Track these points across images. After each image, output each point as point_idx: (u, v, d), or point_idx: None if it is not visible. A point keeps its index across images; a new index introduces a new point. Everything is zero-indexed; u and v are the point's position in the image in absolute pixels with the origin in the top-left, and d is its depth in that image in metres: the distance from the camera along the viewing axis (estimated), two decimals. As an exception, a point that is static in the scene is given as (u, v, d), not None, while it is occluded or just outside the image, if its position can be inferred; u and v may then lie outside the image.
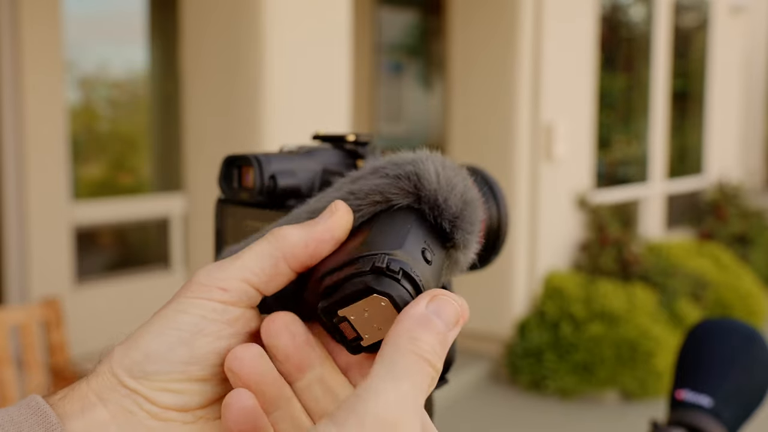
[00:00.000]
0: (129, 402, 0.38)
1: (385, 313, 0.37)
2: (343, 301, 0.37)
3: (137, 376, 0.38)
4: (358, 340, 0.38)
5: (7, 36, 3.63)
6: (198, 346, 0.38)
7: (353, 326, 0.38)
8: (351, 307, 0.37)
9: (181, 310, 0.39)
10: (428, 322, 0.36)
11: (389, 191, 0.42)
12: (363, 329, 0.38)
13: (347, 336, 0.38)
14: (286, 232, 0.40)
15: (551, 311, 4.32)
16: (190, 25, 2.90)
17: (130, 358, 0.38)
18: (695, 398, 0.81)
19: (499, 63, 4.41)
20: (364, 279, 0.37)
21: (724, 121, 6.89)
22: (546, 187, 4.58)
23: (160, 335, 0.38)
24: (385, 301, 0.37)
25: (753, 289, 5.24)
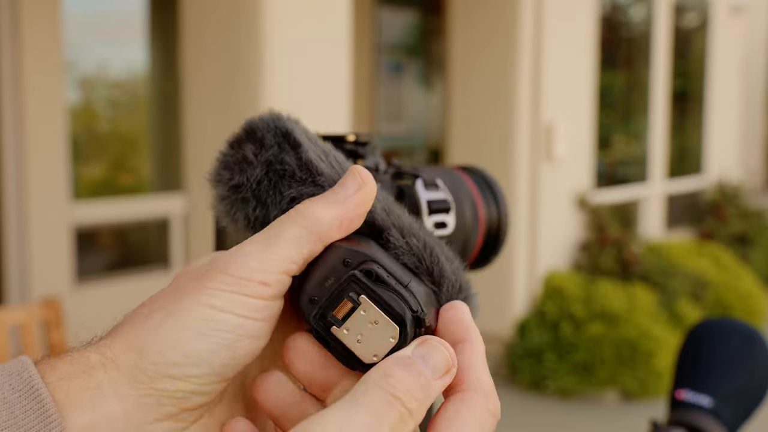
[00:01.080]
0: (151, 401, 0.35)
1: (378, 327, 0.36)
2: (329, 302, 0.37)
3: (173, 377, 0.35)
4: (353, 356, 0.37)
5: (7, 36, 3.63)
6: (239, 348, 0.36)
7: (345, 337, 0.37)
8: (340, 308, 0.37)
9: (220, 307, 0.36)
10: (410, 364, 0.34)
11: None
12: (356, 341, 0.37)
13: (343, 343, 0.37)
14: (318, 212, 0.38)
15: (551, 311, 4.32)
16: (190, 25, 2.90)
17: (166, 359, 0.35)
18: (695, 398, 0.81)
19: (499, 63, 4.41)
20: (350, 274, 0.37)
21: (724, 121, 6.89)
22: (546, 187, 4.58)
23: (202, 336, 0.35)
24: (373, 309, 0.36)
25: (753, 289, 5.24)
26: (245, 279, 0.36)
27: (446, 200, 0.56)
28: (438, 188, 0.57)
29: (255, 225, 0.42)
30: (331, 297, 0.37)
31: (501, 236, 0.63)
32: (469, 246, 0.61)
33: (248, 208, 0.42)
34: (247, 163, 0.42)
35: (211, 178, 0.43)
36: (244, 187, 0.42)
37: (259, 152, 0.42)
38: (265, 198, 0.41)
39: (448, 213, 0.56)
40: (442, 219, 0.56)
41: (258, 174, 0.41)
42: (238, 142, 0.43)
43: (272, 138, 0.42)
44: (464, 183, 0.62)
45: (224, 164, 0.43)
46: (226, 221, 0.43)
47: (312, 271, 0.38)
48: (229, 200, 0.42)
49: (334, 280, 0.37)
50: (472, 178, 0.63)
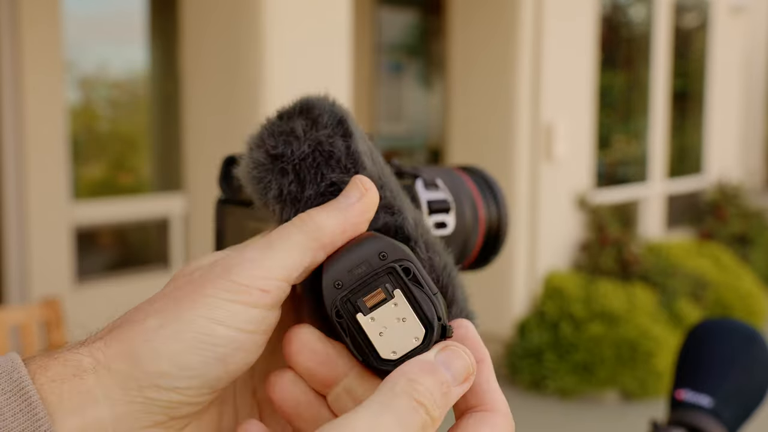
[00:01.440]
0: (140, 408, 0.35)
1: (403, 319, 0.36)
2: (359, 287, 0.37)
3: (165, 388, 0.35)
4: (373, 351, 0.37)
5: (7, 36, 3.63)
6: (233, 362, 0.36)
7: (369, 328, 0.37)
8: (371, 296, 0.37)
9: (219, 320, 0.35)
10: (433, 369, 0.35)
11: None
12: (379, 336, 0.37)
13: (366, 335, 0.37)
14: (321, 220, 0.38)
15: (551, 311, 4.32)
16: (190, 25, 2.90)
17: (159, 369, 0.35)
18: (695, 398, 0.81)
19: (499, 63, 4.41)
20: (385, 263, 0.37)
21: (724, 121, 6.89)
22: (546, 187, 4.58)
23: (198, 349, 0.35)
24: (402, 302, 0.36)
25: (753, 289, 5.24)
26: (245, 286, 0.36)
27: (446, 200, 0.56)
28: (438, 188, 0.57)
29: (286, 199, 0.41)
30: (363, 283, 0.37)
31: (501, 236, 0.63)
32: (469, 246, 0.61)
33: (284, 180, 0.41)
34: (295, 137, 0.42)
35: (252, 142, 0.43)
36: (287, 159, 0.41)
37: (310, 130, 0.42)
38: (305, 175, 0.41)
39: (448, 213, 0.56)
40: (442, 219, 0.56)
41: (305, 150, 0.41)
42: (289, 115, 0.43)
43: (327, 119, 0.42)
44: (464, 183, 0.62)
45: (270, 132, 0.42)
46: (255, 189, 0.42)
47: (341, 256, 0.38)
48: (266, 168, 0.42)
49: (366, 268, 0.37)
50: (472, 178, 0.63)
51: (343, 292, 0.37)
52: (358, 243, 0.38)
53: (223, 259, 0.37)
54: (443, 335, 0.36)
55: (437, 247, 0.41)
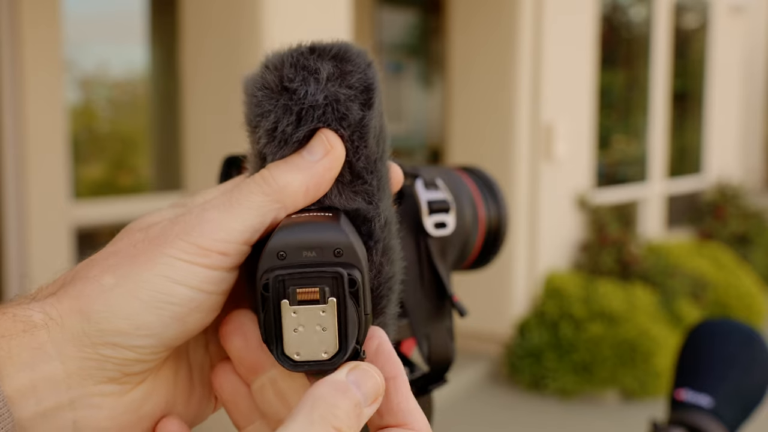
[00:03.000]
0: (94, 365, 0.34)
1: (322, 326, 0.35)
2: (299, 276, 0.34)
3: (120, 346, 0.34)
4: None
5: (7, 36, 3.63)
6: (190, 322, 0.36)
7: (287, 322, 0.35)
8: (306, 291, 0.34)
9: (177, 280, 0.35)
10: (346, 390, 0.34)
11: None
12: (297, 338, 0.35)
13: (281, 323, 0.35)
14: (284, 178, 0.37)
15: (551, 311, 4.32)
16: (190, 25, 2.90)
17: (115, 327, 0.34)
18: (695, 398, 0.81)
19: (499, 63, 4.41)
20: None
21: (723, 120, 6.89)
22: (546, 187, 4.58)
23: (155, 309, 0.34)
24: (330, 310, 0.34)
25: (753, 290, 5.24)
26: (205, 249, 0.35)
27: (446, 200, 0.56)
28: (438, 188, 0.57)
29: (277, 137, 0.38)
30: (305, 274, 0.34)
31: (501, 236, 0.63)
32: (469, 246, 0.61)
33: (284, 117, 0.38)
34: (315, 79, 0.38)
35: (272, 60, 0.39)
36: (296, 99, 0.38)
37: (335, 80, 0.39)
38: (306, 122, 0.38)
39: (448, 213, 0.56)
40: (442, 219, 0.56)
41: (318, 99, 0.38)
42: (321, 52, 0.39)
43: (356, 80, 0.39)
44: (464, 183, 0.62)
45: (294, 61, 0.39)
46: (251, 110, 0.39)
47: (297, 226, 0.36)
48: (272, 96, 0.39)
49: (315, 257, 0.35)
50: (471, 178, 0.63)
51: (281, 270, 0.34)
52: (321, 222, 0.36)
53: (183, 216, 0.36)
54: (354, 358, 0.35)
55: (393, 254, 0.39)
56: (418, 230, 0.56)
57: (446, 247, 0.57)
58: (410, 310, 0.55)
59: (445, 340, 0.57)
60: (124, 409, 0.36)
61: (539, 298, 4.48)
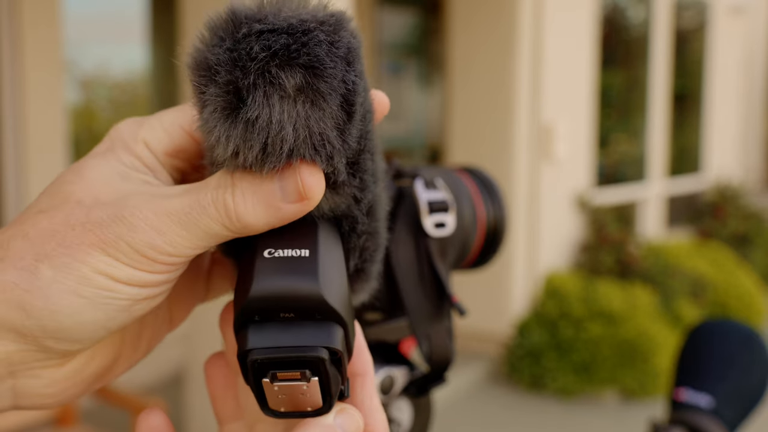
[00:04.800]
0: (35, 350, 0.33)
1: (306, 391, 0.34)
2: (278, 362, 0.33)
3: (65, 339, 0.33)
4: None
5: (7, 36, 3.63)
6: (137, 309, 0.35)
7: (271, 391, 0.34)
8: (287, 374, 0.33)
9: (117, 278, 0.33)
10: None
11: None
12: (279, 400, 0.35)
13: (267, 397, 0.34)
14: (248, 220, 0.34)
15: (551, 311, 4.32)
16: (190, 25, 2.90)
17: (58, 325, 0.32)
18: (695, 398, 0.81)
19: (498, 63, 4.41)
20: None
21: (723, 121, 6.89)
22: (546, 187, 4.58)
23: (98, 305, 0.33)
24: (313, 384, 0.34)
25: (752, 290, 5.24)
26: (148, 258, 0.33)
27: (446, 200, 0.56)
28: (438, 188, 0.57)
29: (239, 161, 0.33)
30: (283, 357, 0.33)
31: (500, 236, 0.63)
32: (469, 246, 0.61)
33: (246, 145, 0.33)
34: (280, 97, 0.32)
35: (224, 25, 0.33)
36: (259, 127, 0.32)
37: (302, 95, 0.32)
38: (272, 151, 0.33)
39: (447, 213, 0.57)
40: (441, 219, 0.56)
41: (286, 129, 0.32)
42: (282, 60, 0.32)
43: (332, 95, 0.33)
44: (463, 183, 0.62)
45: (256, 30, 0.32)
46: (205, 124, 0.33)
47: (270, 277, 0.33)
48: (229, 115, 0.32)
49: (294, 317, 0.33)
50: (471, 178, 0.63)
51: (257, 354, 0.33)
52: (295, 273, 0.34)
53: (129, 210, 0.33)
54: (339, 398, 0.36)
55: (378, 239, 0.38)
56: (418, 230, 0.56)
57: (446, 247, 0.57)
58: (410, 310, 0.55)
59: (445, 340, 0.57)
60: (65, 376, 0.36)
61: (539, 298, 4.48)
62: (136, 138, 0.37)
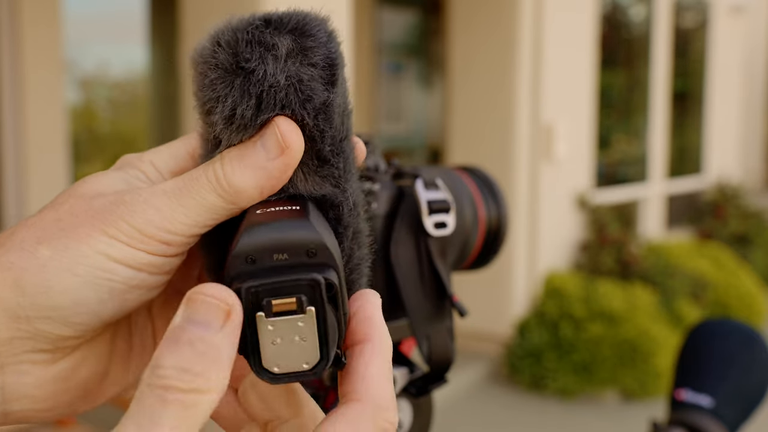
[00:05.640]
0: (26, 336, 0.34)
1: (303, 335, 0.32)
2: (272, 287, 0.32)
3: (56, 321, 0.33)
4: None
5: (7, 36, 3.63)
6: (130, 299, 0.35)
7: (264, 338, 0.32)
8: (281, 302, 0.32)
9: (116, 258, 0.34)
10: (175, 339, 0.29)
11: None
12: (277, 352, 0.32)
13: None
14: (237, 183, 0.35)
15: (551, 311, 4.32)
16: (190, 25, 2.90)
17: (52, 302, 0.33)
18: (695, 398, 0.81)
19: (498, 63, 4.41)
20: (313, 276, 0.32)
21: (724, 121, 6.89)
22: (546, 187, 4.58)
23: (93, 285, 0.33)
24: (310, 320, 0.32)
25: (753, 289, 5.24)
26: (147, 236, 0.34)
27: (446, 200, 0.56)
28: (438, 188, 0.57)
29: (236, 123, 0.35)
30: (278, 282, 0.32)
31: (501, 236, 0.63)
32: (469, 246, 0.61)
33: (243, 101, 0.35)
34: (274, 56, 0.35)
35: (223, 34, 0.36)
36: (254, 81, 0.35)
37: (295, 57, 0.35)
38: (266, 105, 0.35)
39: (448, 213, 0.56)
40: (442, 219, 0.56)
41: (279, 81, 0.35)
42: (278, 24, 0.35)
43: (319, 56, 0.35)
44: (464, 183, 0.62)
45: (250, 38, 0.35)
46: (204, 94, 0.36)
47: (263, 225, 0.33)
48: (226, 78, 0.35)
49: (288, 258, 0.32)
50: (471, 178, 0.63)
51: (253, 281, 0.32)
52: (289, 219, 0.33)
53: (130, 195, 0.35)
54: (335, 364, 0.33)
55: (362, 238, 0.37)
56: (418, 230, 0.56)
57: (446, 247, 0.57)
58: (410, 310, 0.55)
59: (445, 340, 0.57)
60: (53, 377, 0.35)
61: (539, 298, 4.48)
62: (142, 158, 0.39)
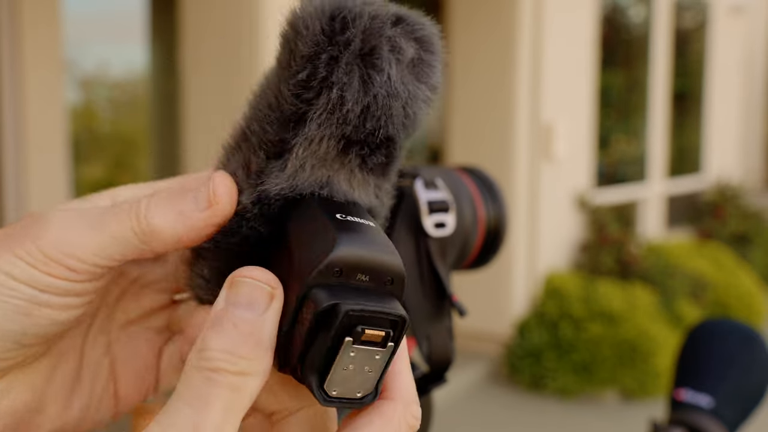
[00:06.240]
0: None
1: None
2: (372, 315, 0.31)
3: None
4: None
5: (7, 36, 3.63)
6: (40, 317, 0.33)
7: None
8: (374, 331, 0.31)
9: (17, 276, 0.33)
10: (219, 320, 0.30)
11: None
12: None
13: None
14: (156, 225, 0.33)
15: (551, 311, 4.32)
16: (190, 25, 2.90)
17: None
18: (695, 398, 0.81)
19: (498, 63, 4.41)
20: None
21: (723, 121, 6.89)
22: (546, 187, 4.58)
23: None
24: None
25: (752, 289, 5.24)
26: (52, 260, 0.33)
27: (446, 200, 0.56)
28: (438, 188, 0.57)
29: (335, 117, 0.33)
30: (374, 312, 0.31)
31: (500, 236, 0.63)
32: (469, 246, 0.61)
33: (359, 96, 0.32)
34: (398, 61, 0.32)
35: (339, 11, 0.32)
36: (378, 80, 0.32)
37: (411, 69, 0.32)
38: (371, 116, 0.32)
39: (447, 213, 0.56)
40: (441, 219, 0.56)
41: (397, 88, 0.32)
42: (405, 28, 0.32)
43: (434, 78, 0.33)
44: (464, 183, 0.62)
45: (382, 34, 0.32)
46: (311, 72, 0.33)
47: (356, 237, 0.32)
48: (351, 63, 0.32)
49: (369, 281, 0.32)
50: (471, 178, 0.63)
51: (353, 302, 0.30)
52: (378, 237, 0.32)
53: (53, 214, 0.34)
54: (374, 398, 0.33)
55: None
56: (418, 230, 0.56)
57: (446, 247, 0.57)
58: (410, 310, 0.55)
59: (445, 340, 0.57)
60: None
61: (539, 298, 4.48)
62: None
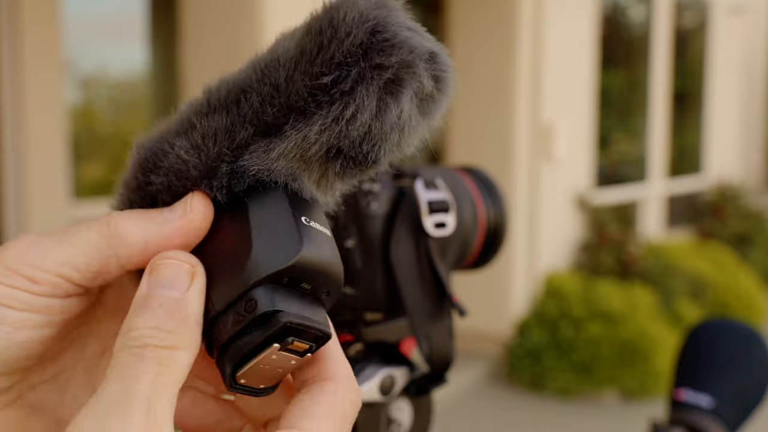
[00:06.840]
0: None
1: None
2: (303, 327, 0.33)
3: None
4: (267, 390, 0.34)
5: (7, 36, 3.63)
6: (5, 332, 0.33)
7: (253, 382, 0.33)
8: (298, 342, 0.33)
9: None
10: (145, 301, 0.31)
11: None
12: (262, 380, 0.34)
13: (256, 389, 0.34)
14: (123, 228, 0.33)
15: (551, 311, 4.32)
16: (190, 25, 2.90)
17: None
18: (695, 398, 0.81)
19: (498, 63, 4.41)
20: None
21: (723, 120, 6.89)
22: (546, 187, 4.58)
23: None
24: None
25: (752, 289, 5.24)
26: (12, 271, 0.32)
27: (446, 200, 0.56)
28: (438, 188, 0.57)
29: (340, 125, 0.33)
30: (306, 326, 0.32)
31: (500, 236, 0.63)
32: (469, 246, 0.61)
33: (371, 122, 0.34)
34: (415, 95, 0.34)
35: (388, 29, 0.34)
36: (394, 110, 0.33)
37: (420, 105, 0.35)
38: (380, 137, 0.34)
39: (447, 213, 0.56)
40: (442, 219, 0.56)
41: (406, 124, 0.34)
42: (431, 62, 0.35)
43: (438, 114, 0.36)
44: (464, 183, 0.62)
45: (419, 66, 0.34)
46: (336, 77, 0.33)
47: (315, 238, 0.33)
48: (374, 81, 0.34)
49: (309, 290, 0.33)
50: (471, 178, 0.63)
51: (291, 314, 0.32)
52: (330, 245, 0.34)
53: (21, 238, 0.34)
54: (272, 390, 0.35)
55: None
56: (418, 230, 0.56)
57: (446, 247, 0.57)
58: (410, 310, 0.55)
59: (445, 340, 0.57)
60: None
61: (539, 297, 4.48)
62: None
